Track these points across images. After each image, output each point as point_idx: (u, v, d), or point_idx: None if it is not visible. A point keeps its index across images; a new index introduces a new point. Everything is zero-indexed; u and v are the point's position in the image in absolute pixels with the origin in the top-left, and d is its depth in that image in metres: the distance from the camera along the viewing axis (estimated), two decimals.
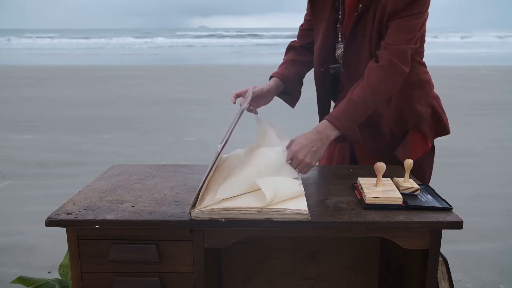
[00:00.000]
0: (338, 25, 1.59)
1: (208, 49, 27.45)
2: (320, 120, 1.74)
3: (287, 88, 1.69)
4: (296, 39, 1.81)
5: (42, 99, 8.32)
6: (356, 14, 1.51)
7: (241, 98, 1.61)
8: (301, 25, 1.79)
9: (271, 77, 1.70)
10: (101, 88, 9.74)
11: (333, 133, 1.43)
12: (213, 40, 38.01)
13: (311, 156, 1.38)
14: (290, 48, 1.80)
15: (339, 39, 1.60)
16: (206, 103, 7.91)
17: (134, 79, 11.32)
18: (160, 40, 37.19)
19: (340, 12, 1.58)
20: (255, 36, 43.18)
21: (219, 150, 1.25)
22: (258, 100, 1.63)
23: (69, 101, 8.07)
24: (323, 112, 1.74)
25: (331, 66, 1.64)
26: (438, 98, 1.71)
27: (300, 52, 1.76)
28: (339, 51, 1.60)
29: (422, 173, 1.65)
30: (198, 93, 9.00)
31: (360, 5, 1.49)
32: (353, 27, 1.52)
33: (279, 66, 1.74)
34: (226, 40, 38.63)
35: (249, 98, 1.52)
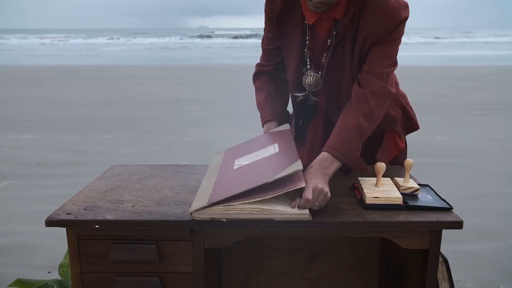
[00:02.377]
0: (306, 50, 1.53)
1: (208, 49, 27.46)
2: (297, 145, 1.72)
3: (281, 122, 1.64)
4: (261, 62, 1.69)
5: (42, 99, 8.32)
6: (330, 42, 1.48)
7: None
8: (264, 43, 1.66)
9: (266, 121, 1.61)
10: (101, 88, 9.74)
11: (334, 164, 1.35)
12: (213, 40, 38.02)
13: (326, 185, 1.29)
14: (261, 73, 1.69)
15: (308, 66, 1.54)
16: (206, 103, 7.91)
17: (134, 79, 11.32)
18: (160, 40, 37.22)
19: (307, 37, 1.51)
20: (255, 36, 43.17)
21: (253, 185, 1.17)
22: None
23: (69, 101, 8.07)
24: (299, 136, 1.71)
25: (298, 94, 1.57)
26: (405, 96, 1.71)
27: (275, 76, 1.67)
28: (310, 78, 1.53)
29: None
30: (198, 93, 9.00)
31: (334, 32, 1.46)
32: (331, 56, 1.48)
33: (265, 101, 1.63)
34: (226, 40, 38.65)
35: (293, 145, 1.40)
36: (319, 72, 1.53)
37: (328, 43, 1.49)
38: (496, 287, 2.35)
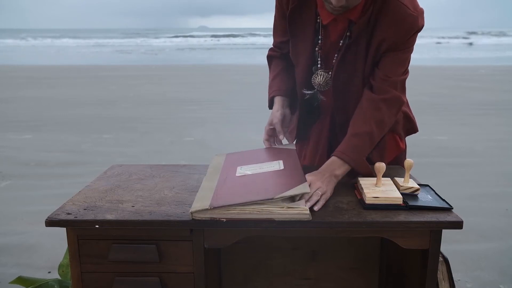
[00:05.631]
0: (316, 49, 1.52)
1: (208, 49, 27.46)
2: (300, 144, 1.73)
3: (290, 100, 1.64)
4: (273, 47, 1.69)
5: (42, 99, 8.32)
6: (342, 42, 1.47)
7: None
8: (274, 35, 1.67)
9: (272, 96, 1.61)
10: (101, 88, 9.74)
11: (342, 168, 1.38)
12: (213, 40, 38.03)
13: (328, 186, 1.33)
14: (273, 57, 1.70)
15: (319, 65, 1.53)
16: (206, 103, 7.91)
17: (134, 79, 11.32)
18: (160, 40, 37.24)
19: (320, 37, 1.50)
20: (255, 35, 43.20)
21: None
22: (285, 125, 1.59)
23: (69, 101, 8.07)
24: (303, 135, 1.70)
25: (306, 92, 1.57)
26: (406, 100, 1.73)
27: (285, 58, 1.67)
28: (320, 78, 1.52)
29: None
30: (198, 93, 9.01)
31: (348, 34, 1.45)
32: (342, 57, 1.47)
33: (272, 80, 1.65)
34: (226, 40, 38.67)
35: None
36: (329, 72, 1.52)
37: (340, 44, 1.48)
38: (496, 287, 2.35)
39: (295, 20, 1.52)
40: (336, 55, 1.50)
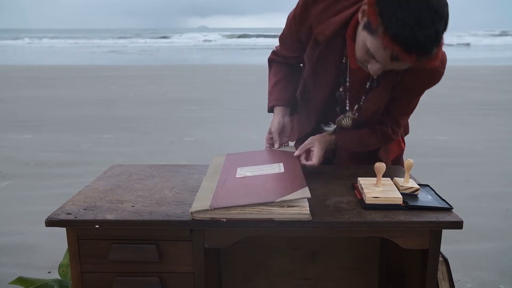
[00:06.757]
0: (341, 90, 1.50)
1: (208, 49, 27.46)
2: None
3: (290, 109, 1.66)
4: (278, 52, 1.66)
5: (42, 99, 8.32)
6: (369, 85, 1.47)
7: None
8: (282, 50, 1.63)
9: (271, 106, 1.62)
10: (101, 88, 9.74)
11: (333, 147, 1.56)
12: (213, 40, 38.04)
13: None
14: (274, 61, 1.69)
15: (347, 107, 1.52)
16: (206, 103, 7.91)
17: (134, 79, 11.32)
18: (160, 40, 37.25)
19: (347, 79, 1.48)
20: (255, 36, 43.21)
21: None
22: (284, 134, 1.63)
23: (69, 101, 8.07)
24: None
25: (326, 129, 1.57)
26: None
27: (288, 64, 1.67)
28: (347, 120, 1.52)
29: None
30: (198, 93, 9.01)
31: (375, 77, 1.43)
32: (368, 98, 1.48)
33: (272, 87, 1.65)
34: (226, 40, 38.68)
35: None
36: (355, 114, 1.52)
37: (367, 86, 1.48)
38: (496, 287, 2.35)
39: (321, 60, 1.47)
40: (363, 97, 1.50)
